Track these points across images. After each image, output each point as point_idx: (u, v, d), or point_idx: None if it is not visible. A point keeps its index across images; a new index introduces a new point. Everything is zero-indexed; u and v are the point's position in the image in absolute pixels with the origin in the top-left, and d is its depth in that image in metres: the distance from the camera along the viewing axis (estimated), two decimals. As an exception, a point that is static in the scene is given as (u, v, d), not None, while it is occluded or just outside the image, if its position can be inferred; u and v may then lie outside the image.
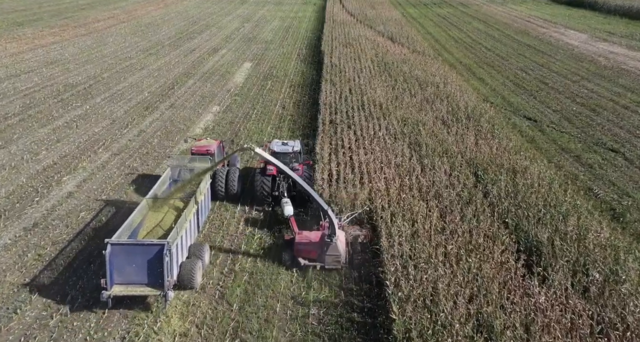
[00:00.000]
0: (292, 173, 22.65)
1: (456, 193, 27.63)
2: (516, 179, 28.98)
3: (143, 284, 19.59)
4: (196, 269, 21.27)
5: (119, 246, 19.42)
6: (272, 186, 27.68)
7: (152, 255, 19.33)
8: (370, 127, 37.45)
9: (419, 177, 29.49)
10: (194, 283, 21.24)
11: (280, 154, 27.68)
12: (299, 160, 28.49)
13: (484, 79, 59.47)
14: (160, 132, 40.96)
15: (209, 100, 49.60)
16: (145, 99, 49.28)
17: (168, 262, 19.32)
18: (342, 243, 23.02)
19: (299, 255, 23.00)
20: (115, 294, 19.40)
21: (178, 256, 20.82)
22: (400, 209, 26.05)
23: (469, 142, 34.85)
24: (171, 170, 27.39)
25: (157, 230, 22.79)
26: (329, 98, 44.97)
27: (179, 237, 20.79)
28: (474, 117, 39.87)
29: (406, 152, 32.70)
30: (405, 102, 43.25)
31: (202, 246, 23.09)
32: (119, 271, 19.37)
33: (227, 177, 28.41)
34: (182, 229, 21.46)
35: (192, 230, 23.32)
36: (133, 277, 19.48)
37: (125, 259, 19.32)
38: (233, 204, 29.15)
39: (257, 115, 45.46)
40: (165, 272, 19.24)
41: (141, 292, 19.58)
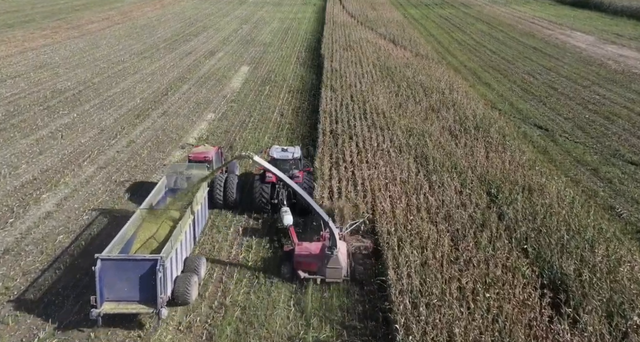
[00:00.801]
0: (291, 182, 21.68)
1: (468, 215, 25.28)
2: (533, 198, 26.66)
3: (135, 301, 18.75)
4: (191, 284, 20.34)
5: (109, 261, 18.53)
6: (271, 194, 26.80)
7: (145, 271, 18.49)
8: (373, 138, 35.08)
9: (427, 196, 27.12)
10: (188, 299, 20.33)
11: (279, 161, 26.84)
12: (299, 167, 27.51)
13: (490, 84, 57.08)
14: (151, 143, 38.57)
15: (203, 107, 47.22)
16: (137, 106, 46.90)
17: (161, 278, 18.44)
18: (344, 255, 22.01)
19: (299, 267, 22.05)
20: (105, 312, 18.47)
21: (172, 270, 19.94)
22: (407, 234, 23.71)
23: (479, 155, 32.48)
24: (167, 178, 26.24)
25: (151, 242, 21.78)
26: (329, 106, 42.61)
27: (173, 251, 19.89)
28: (483, 127, 37.50)
29: (412, 167, 30.34)
30: (409, 111, 40.87)
31: (198, 259, 22.06)
32: (110, 287, 18.52)
33: (225, 184, 27.44)
34: (177, 242, 20.51)
35: (188, 242, 22.38)
36: (124, 294, 18.66)
37: (116, 275, 18.51)
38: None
39: (254, 124, 43.09)
40: (159, 288, 18.39)
41: (133, 309, 18.69)
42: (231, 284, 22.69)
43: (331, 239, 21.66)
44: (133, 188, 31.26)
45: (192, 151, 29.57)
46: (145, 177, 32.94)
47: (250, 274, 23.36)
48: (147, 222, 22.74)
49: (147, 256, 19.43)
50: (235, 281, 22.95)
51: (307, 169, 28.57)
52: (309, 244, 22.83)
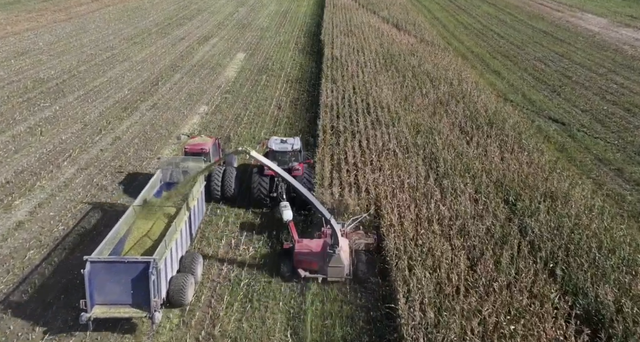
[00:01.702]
0: (290, 178, 20.84)
1: (486, 228, 22.75)
2: (557, 208, 24.10)
3: (127, 304, 18.09)
4: (187, 286, 19.57)
5: (99, 264, 17.79)
6: (270, 187, 25.91)
7: (137, 273, 17.80)
8: (378, 136, 32.45)
9: (439, 205, 24.57)
10: (184, 301, 19.63)
11: (278, 153, 26.19)
12: (299, 159, 26.51)
13: (500, 72, 54.25)
14: (138, 140, 35.93)
15: (196, 99, 44.47)
16: (125, 98, 44.13)
17: (155, 281, 17.75)
18: (346, 253, 21.13)
19: (299, 266, 21.25)
20: (96, 316, 17.86)
21: (167, 271, 19.21)
22: (418, 251, 21.23)
23: (493, 156, 29.91)
24: (162, 171, 25.09)
25: (145, 241, 20.90)
26: (330, 99, 39.90)
27: (167, 251, 19.12)
28: (496, 123, 34.86)
29: (421, 171, 27.77)
30: (416, 104, 38.18)
31: (195, 258, 21.16)
32: (100, 290, 17.86)
33: (223, 177, 26.72)
34: (172, 241, 19.70)
35: (184, 240, 21.50)
36: (116, 297, 18.02)
37: (107, 278, 17.82)
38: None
39: (250, 118, 40.41)
40: (152, 292, 17.69)
41: (125, 313, 18.07)
42: (221, 309, 20.29)
43: (333, 237, 20.80)
44: (116, 192, 28.72)
45: (188, 143, 28.31)
46: (131, 179, 30.38)
47: (243, 294, 20.97)
48: (141, 219, 21.77)
49: (139, 258, 18.52)
50: (226, 305, 20.57)
51: (307, 161, 27.43)
52: (310, 241, 21.86)
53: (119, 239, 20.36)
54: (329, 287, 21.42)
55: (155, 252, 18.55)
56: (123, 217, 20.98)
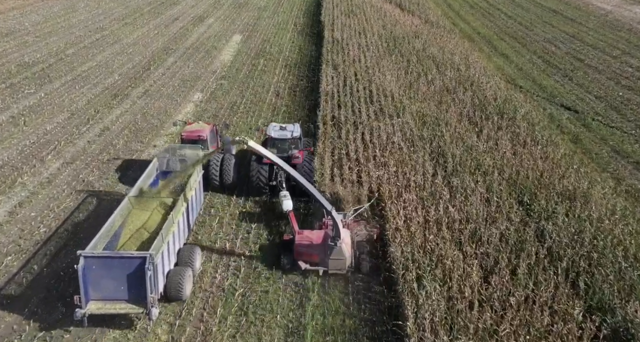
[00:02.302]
0: (290, 169, 20.25)
1: (500, 233, 21.19)
2: (576, 210, 22.54)
3: (123, 300, 17.72)
4: (185, 280, 19.16)
5: (93, 259, 17.34)
6: (269, 175, 25.36)
7: (133, 269, 17.35)
8: (381, 128, 30.76)
9: (448, 206, 23.00)
10: (182, 295, 19.21)
11: (278, 141, 25.60)
12: (298, 147, 25.89)
13: (508, 55, 52.36)
14: (128, 131, 34.27)
15: (190, 86, 42.66)
16: (115, 84, 42.32)
17: (151, 277, 17.35)
18: (348, 245, 20.73)
19: (300, 258, 20.84)
20: (91, 313, 17.49)
21: (164, 265, 18.79)
22: (427, 260, 19.73)
23: (505, 149, 28.27)
24: (158, 160, 24.42)
25: (142, 233, 20.36)
26: (330, 86, 38.12)
27: (164, 245, 18.64)
28: (507, 113, 33.17)
29: (428, 168, 26.18)
30: (421, 92, 36.44)
31: (193, 250, 20.70)
32: (95, 285, 17.47)
33: (221, 165, 26.14)
34: (169, 234, 19.21)
35: (182, 232, 21.05)
36: (111, 293, 17.62)
37: (102, 273, 17.41)
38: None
39: (246, 106, 38.69)
40: (148, 287, 17.28)
41: (121, 310, 17.70)
42: (214, 324, 18.88)
43: (334, 230, 20.35)
44: (103, 190, 27.16)
45: (185, 129, 27.42)
46: (120, 175, 28.79)
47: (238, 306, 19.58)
48: (137, 210, 21.22)
49: (134, 253, 18.13)
50: (219, 319, 19.16)
51: (307, 148, 26.77)
52: (310, 233, 21.49)
53: (114, 232, 19.74)
54: (330, 299, 20.06)
55: (151, 246, 18.00)
56: (118, 209, 20.35)
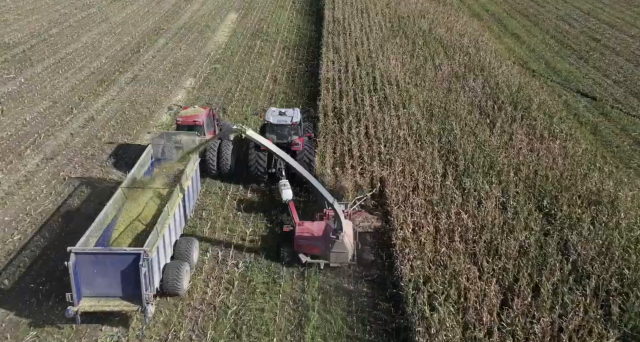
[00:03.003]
0: (290, 160, 19.18)
1: (519, 245, 19.41)
2: (603, 217, 20.74)
3: (117, 296, 17.29)
4: (182, 274, 18.68)
5: (84, 255, 16.86)
6: (268, 163, 24.66)
7: (126, 265, 16.89)
8: (386, 120, 28.78)
9: (461, 212, 21.18)
10: (179, 289, 18.74)
11: (277, 126, 24.79)
12: (298, 133, 25.06)
13: (519, 35, 50.05)
14: (115, 121, 32.30)
15: (182, 70, 40.53)
16: (101, 68, 40.17)
17: (146, 273, 16.87)
18: (350, 237, 20.19)
19: (300, 250, 20.32)
20: (84, 310, 17.11)
21: (160, 259, 18.27)
22: (439, 278, 17.99)
23: (520, 146, 26.36)
24: (153, 147, 23.63)
25: (136, 225, 19.74)
26: (331, 73, 35.98)
27: (160, 239, 18.12)
28: (521, 102, 31.17)
29: (438, 167, 24.25)
30: (428, 79, 34.33)
31: (190, 243, 20.08)
32: (87, 282, 17.05)
33: (219, 151, 25.48)
34: (165, 228, 18.65)
35: (178, 224, 20.43)
36: (105, 290, 17.19)
37: (94, 269, 16.95)
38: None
39: (242, 93, 36.66)
40: (143, 285, 16.77)
41: (115, 307, 17.27)
42: None
43: (336, 222, 19.70)
44: (87, 189, 25.38)
45: (180, 114, 26.49)
46: (104, 172, 26.94)
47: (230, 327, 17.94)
48: (131, 201, 20.66)
49: (127, 249, 17.46)
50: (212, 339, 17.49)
51: (307, 134, 25.92)
52: (311, 224, 20.90)
53: (107, 225, 19.20)
54: (332, 318, 18.47)
55: (146, 242, 17.41)
56: (111, 201, 19.72)
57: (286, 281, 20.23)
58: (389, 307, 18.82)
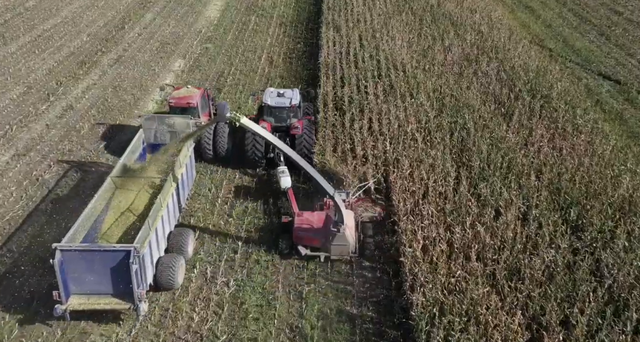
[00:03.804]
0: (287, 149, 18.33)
1: (544, 265, 17.43)
2: (638, 232, 18.68)
3: (108, 294, 16.78)
4: (177, 268, 18.12)
5: (71, 252, 16.17)
6: (265, 148, 23.81)
7: (116, 262, 16.29)
8: (392, 112, 26.49)
9: (477, 226, 19.11)
10: (173, 284, 18.21)
11: (275, 109, 23.93)
12: (298, 116, 24.16)
13: (534, 8, 47.28)
14: (96, 110, 30.05)
15: (171, 50, 38.02)
16: (82, 47, 37.66)
17: (138, 270, 16.29)
18: (351, 229, 19.44)
19: (299, 242, 19.62)
20: (73, 309, 16.57)
21: (153, 253, 17.69)
22: (455, 308, 16.05)
23: (541, 142, 24.16)
24: (144, 132, 22.69)
25: (127, 216, 19.20)
26: (332, 56, 33.54)
27: (152, 232, 17.44)
28: (540, 90, 28.80)
29: (450, 170, 22.10)
30: (437, 62, 31.92)
31: (185, 235, 19.43)
32: (76, 279, 16.49)
33: (214, 134, 24.57)
34: (157, 220, 17.94)
35: (172, 214, 19.72)
36: (94, 287, 16.64)
37: (82, 266, 16.38)
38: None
39: (235, 77, 34.31)
40: (135, 282, 16.22)
41: (106, 305, 16.76)
42: None
43: (337, 215, 18.93)
44: (65, 191, 23.31)
45: (172, 95, 25.38)
46: (84, 170, 24.86)
47: None
48: (121, 191, 19.93)
49: (117, 246, 16.81)
50: None
51: (307, 117, 24.96)
52: (311, 215, 20.14)
53: (96, 217, 18.54)
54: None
55: (136, 238, 16.63)
56: (100, 191, 18.92)
57: (282, 303, 18.40)
58: (397, 336, 16.97)
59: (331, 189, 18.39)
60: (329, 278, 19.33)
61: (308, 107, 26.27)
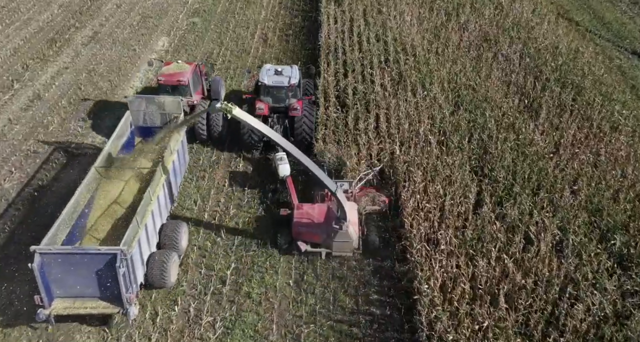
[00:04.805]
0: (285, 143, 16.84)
1: (587, 314, 14.91)
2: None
3: (95, 297, 16.00)
4: (169, 265, 17.29)
5: (52, 255, 15.31)
6: None
7: (102, 265, 15.48)
8: (401, 110, 23.57)
9: (503, 257, 16.54)
10: (166, 282, 17.37)
11: (273, 89, 22.60)
12: (297, 95, 22.94)
13: (558, -26, 43.38)
14: (67, 100, 27.23)
15: (153, 25, 34.81)
16: (53, 22, 34.50)
17: (126, 274, 15.49)
18: (355, 225, 18.35)
19: (299, 237, 18.62)
20: (57, 313, 15.76)
21: (143, 251, 16.85)
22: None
23: (575, 148, 21.33)
24: (132, 114, 21.33)
25: (115, 209, 18.31)
26: (333, 36, 30.41)
27: (142, 229, 16.56)
28: (571, 78, 25.75)
29: (471, 186, 19.37)
30: (452, 43, 28.76)
31: (178, 227, 18.35)
32: (59, 282, 15.71)
33: (208, 114, 23.32)
34: (147, 216, 17.00)
35: (163, 206, 18.66)
36: (80, 290, 15.86)
37: (66, 269, 15.51)
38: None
39: (225, 58, 31.31)
40: (123, 286, 15.42)
41: (92, 309, 15.95)
42: None
43: (340, 211, 17.73)
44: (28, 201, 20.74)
45: (161, 72, 23.89)
46: (53, 176, 22.26)
47: None
48: (108, 181, 18.94)
49: (101, 249, 15.64)
50: None
51: (307, 97, 23.69)
52: (311, 208, 19.01)
53: (80, 211, 17.66)
54: None
55: (123, 238, 15.60)
56: (83, 184, 17.84)
57: (278, 348, 16.02)
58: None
59: (333, 186, 17.02)
60: (331, 316, 17.00)
61: (308, 83, 24.90)
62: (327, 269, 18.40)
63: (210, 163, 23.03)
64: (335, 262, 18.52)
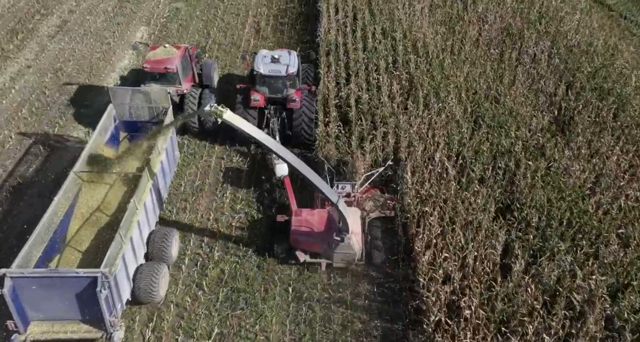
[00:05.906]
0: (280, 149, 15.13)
1: None
2: None
3: (76, 320, 14.96)
4: (157, 279, 16.07)
5: (25, 279, 14.12)
6: (259, 122, 21.37)
7: (82, 288, 14.32)
8: (413, 130, 20.40)
9: (541, 332, 13.72)
10: (155, 298, 16.27)
11: (270, 78, 21.23)
12: (296, 85, 21.47)
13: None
14: (29, 110, 24.21)
15: (131, 12, 31.53)
16: (14, 8, 31.41)
17: (108, 297, 14.38)
18: (358, 235, 17.15)
19: (297, 246, 17.58)
20: (35, 338, 14.69)
21: (129, 266, 15.57)
22: None
23: (621, 180, 18.28)
24: (115, 108, 20.00)
25: (99, 217, 17.26)
26: (334, 29, 27.10)
27: (127, 243, 15.27)
28: (609, 86, 22.51)
29: (498, 233, 16.40)
30: (469, 39, 25.37)
31: (167, 236, 17.12)
32: (35, 305, 14.58)
33: (200, 103, 22.10)
34: (132, 229, 15.74)
35: (151, 213, 17.44)
36: (59, 313, 14.80)
37: (41, 293, 14.33)
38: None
39: (212, 54, 28.19)
40: (105, 311, 14.31)
41: (73, 333, 14.92)
42: None
43: (342, 223, 16.69)
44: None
45: (147, 58, 22.29)
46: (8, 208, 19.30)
47: None
48: (90, 186, 17.90)
49: (80, 271, 14.42)
50: None
51: (307, 87, 22.19)
52: (311, 214, 17.91)
53: (59, 220, 16.56)
54: None
55: (104, 259, 14.41)
56: (62, 191, 16.62)
57: None
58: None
59: (335, 197, 15.85)
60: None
61: (308, 68, 23.48)
62: (327, 333, 15.67)
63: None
64: (337, 324, 15.73)
